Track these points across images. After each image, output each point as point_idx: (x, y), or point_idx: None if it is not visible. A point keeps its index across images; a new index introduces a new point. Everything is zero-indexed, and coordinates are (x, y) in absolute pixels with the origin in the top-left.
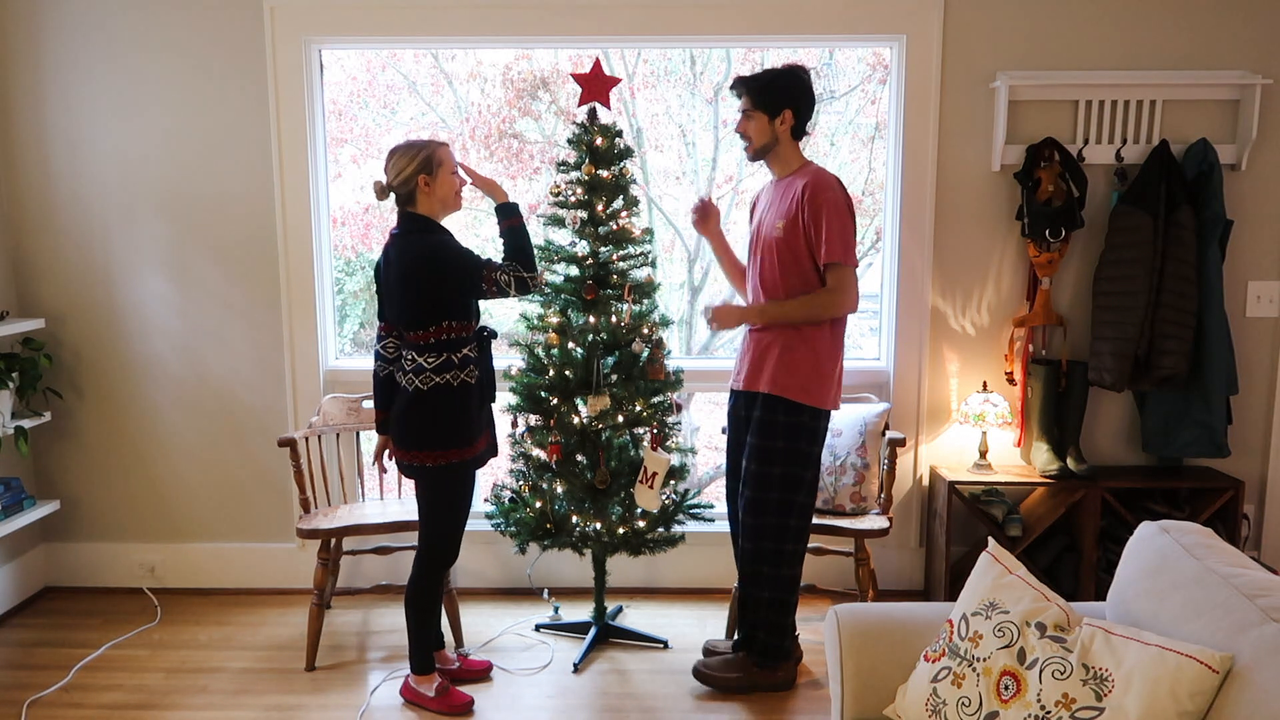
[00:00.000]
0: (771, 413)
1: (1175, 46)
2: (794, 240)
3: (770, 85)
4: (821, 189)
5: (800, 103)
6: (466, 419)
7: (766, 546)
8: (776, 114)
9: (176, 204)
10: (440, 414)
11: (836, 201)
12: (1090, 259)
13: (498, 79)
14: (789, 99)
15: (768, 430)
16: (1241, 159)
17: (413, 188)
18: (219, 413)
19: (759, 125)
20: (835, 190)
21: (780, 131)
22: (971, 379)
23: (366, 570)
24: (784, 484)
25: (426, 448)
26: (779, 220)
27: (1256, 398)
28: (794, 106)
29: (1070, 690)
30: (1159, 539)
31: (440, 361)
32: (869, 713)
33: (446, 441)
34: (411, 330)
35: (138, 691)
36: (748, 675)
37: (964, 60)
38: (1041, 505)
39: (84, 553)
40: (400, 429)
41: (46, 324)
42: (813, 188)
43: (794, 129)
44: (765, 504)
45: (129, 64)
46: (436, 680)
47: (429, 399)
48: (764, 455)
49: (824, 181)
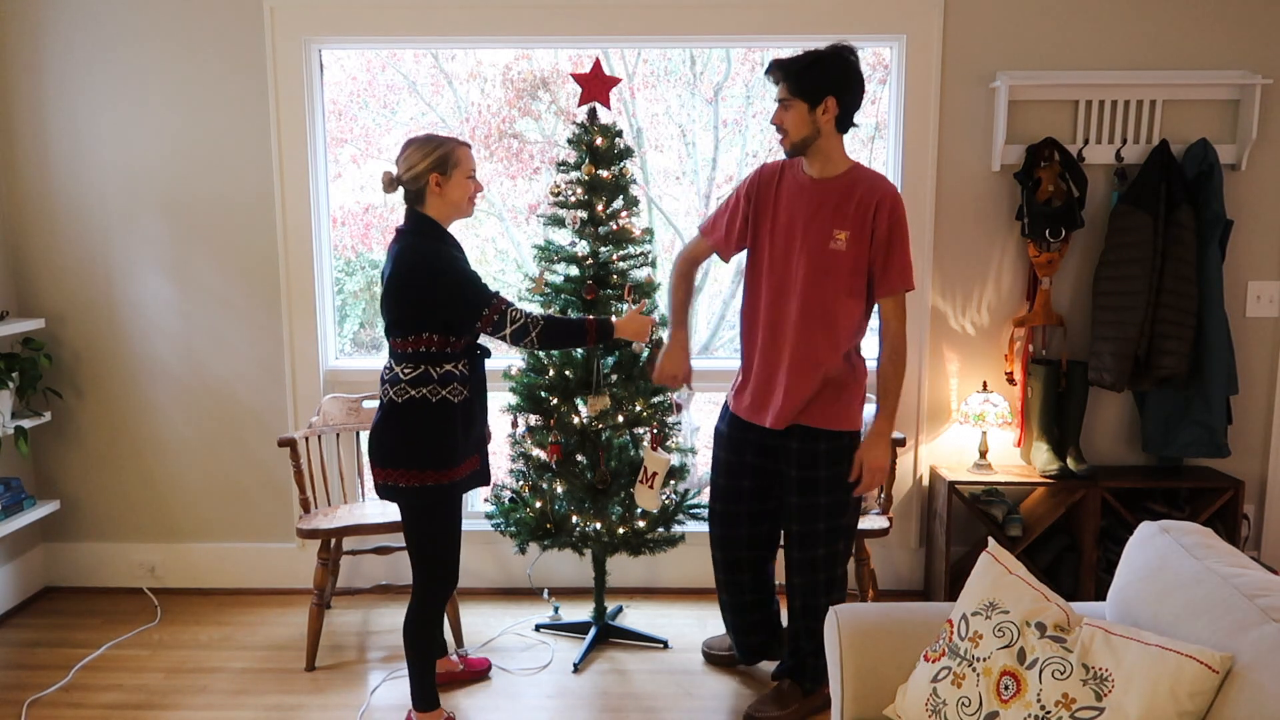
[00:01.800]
0: (811, 442)
1: (1175, 46)
2: (859, 256)
3: (811, 69)
4: (900, 207)
5: (846, 89)
6: (445, 439)
7: (821, 579)
8: (818, 102)
9: (176, 204)
10: (414, 430)
11: (904, 220)
12: (1090, 259)
13: (498, 79)
14: (832, 85)
15: (808, 460)
16: (1241, 159)
17: (423, 185)
18: (219, 413)
19: (797, 116)
20: (903, 206)
21: (823, 123)
22: (971, 379)
23: (366, 570)
24: (830, 511)
25: (400, 466)
26: (839, 230)
27: (1256, 398)
28: (838, 94)
29: (1070, 690)
30: (1159, 539)
31: (416, 374)
32: (869, 713)
33: (420, 461)
34: (392, 335)
35: (138, 691)
36: (801, 705)
37: (964, 60)
38: (1041, 505)
39: (84, 553)
40: (373, 443)
41: (46, 324)
42: (892, 204)
43: (839, 120)
44: (814, 536)
45: (129, 64)
46: (443, 716)
47: (402, 413)
48: (808, 486)
49: (896, 195)
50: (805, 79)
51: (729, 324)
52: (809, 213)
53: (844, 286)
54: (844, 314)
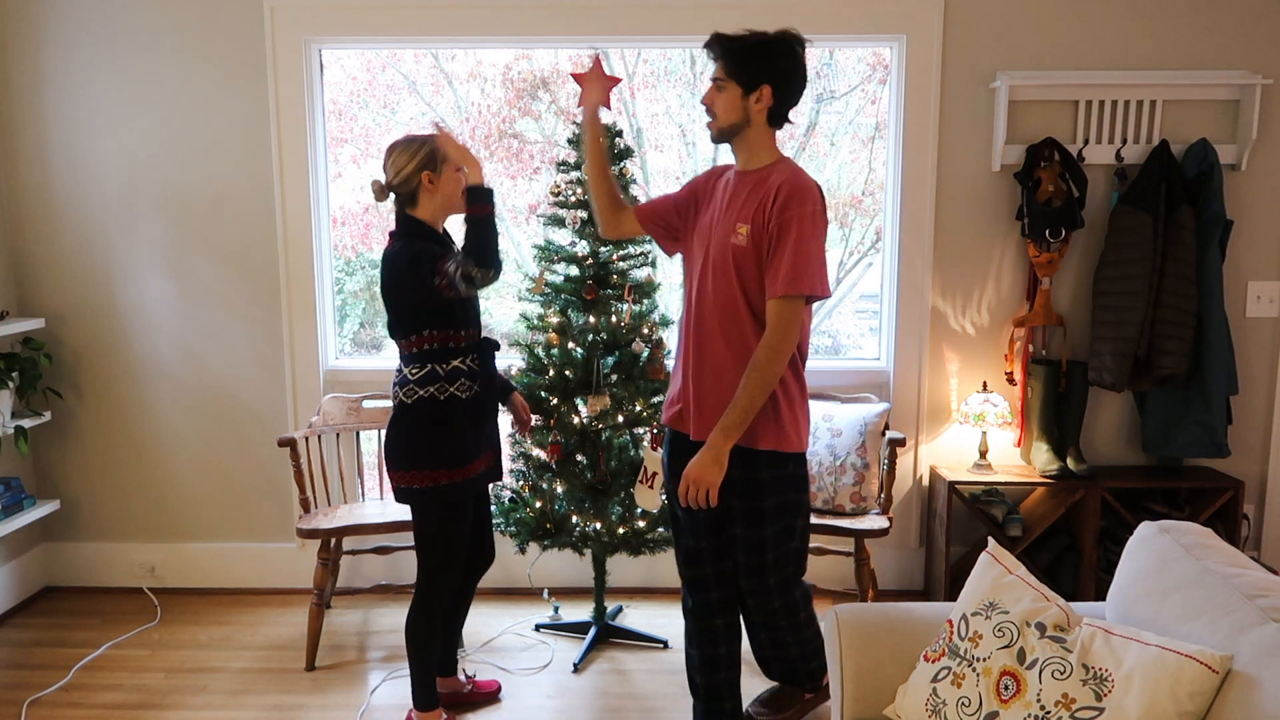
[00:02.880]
0: (752, 470)
1: (1175, 46)
2: (758, 254)
3: (753, 52)
4: (799, 197)
5: (783, 80)
6: (456, 437)
7: (776, 605)
8: (754, 89)
9: (177, 204)
10: (425, 431)
11: (813, 218)
12: (1090, 259)
13: (498, 79)
14: (773, 74)
15: (750, 490)
16: (1241, 159)
17: (415, 186)
18: (219, 413)
19: (729, 99)
20: (815, 204)
21: (754, 112)
22: (971, 379)
23: (366, 570)
24: (777, 540)
25: (412, 467)
26: (741, 224)
27: (1256, 398)
28: (774, 83)
29: (1070, 690)
30: (1159, 539)
31: (424, 373)
32: (869, 713)
33: (433, 461)
34: (396, 338)
35: (138, 691)
36: (802, 705)
37: (964, 60)
38: (1041, 505)
39: (84, 552)
40: (387, 447)
41: (46, 324)
42: (788, 193)
43: (771, 112)
44: (763, 566)
45: (129, 64)
46: (442, 716)
47: (412, 414)
48: (752, 518)
49: (804, 188)
50: (745, 62)
51: None
52: (723, 207)
53: (745, 285)
54: (748, 316)
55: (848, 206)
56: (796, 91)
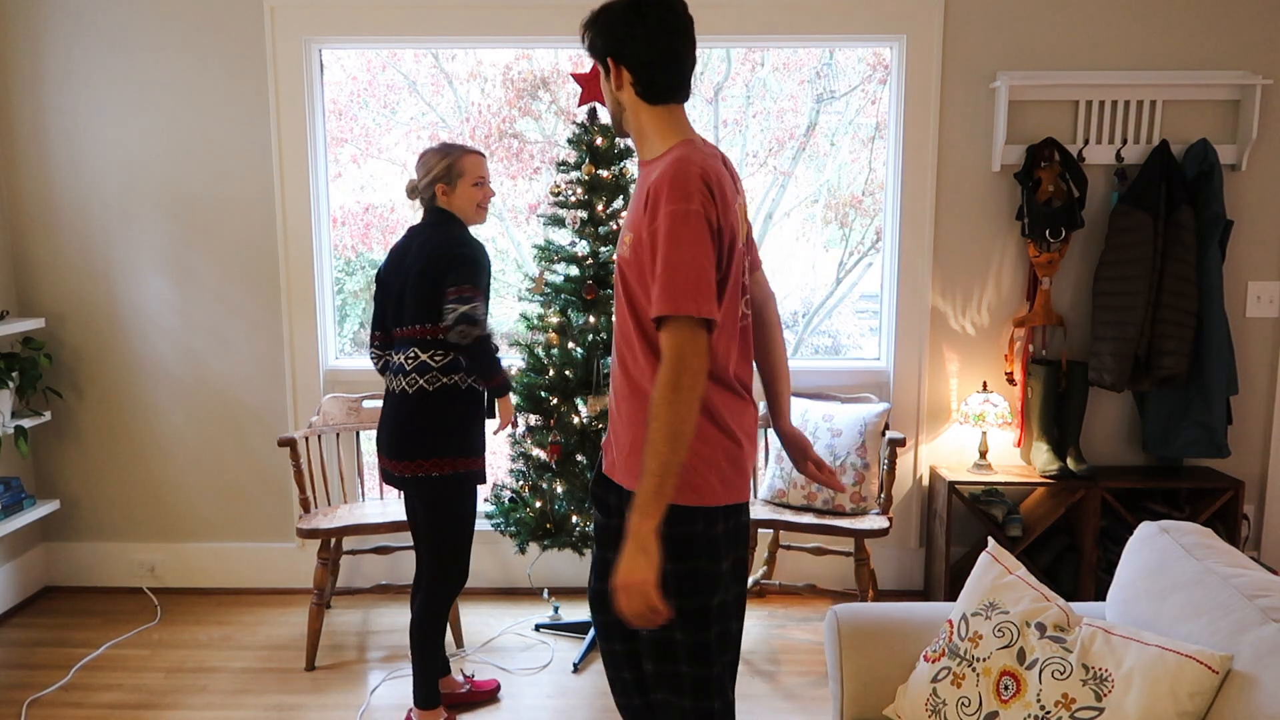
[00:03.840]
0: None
1: (1175, 46)
2: (641, 267)
3: (589, 30)
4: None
5: (629, 50)
6: (476, 426)
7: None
8: (607, 71)
9: (177, 204)
10: (448, 418)
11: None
12: (1090, 259)
13: (498, 79)
14: (612, 46)
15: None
16: (1241, 159)
17: (432, 194)
18: (219, 413)
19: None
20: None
21: (620, 94)
22: (971, 379)
23: (366, 570)
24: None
25: (432, 455)
26: (628, 232)
27: (1256, 398)
28: (618, 56)
29: (1070, 690)
30: (1159, 539)
31: (448, 360)
32: (869, 713)
33: (455, 449)
34: (419, 323)
35: (138, 691)
36: None
37: (964, 60)
38: (1041, 505)
39: (84, 552)
40: (397, 436)
41: (46, 324)
42: (662, 189)
43: (640, 89)
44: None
45: (129, 64)
46: (443, 716)
47: (435, 400)
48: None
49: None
50: (591, 42)
51: None
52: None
53: (634, 304)
54: (640, 341)
55: (848, 206)
56: (658, 60)
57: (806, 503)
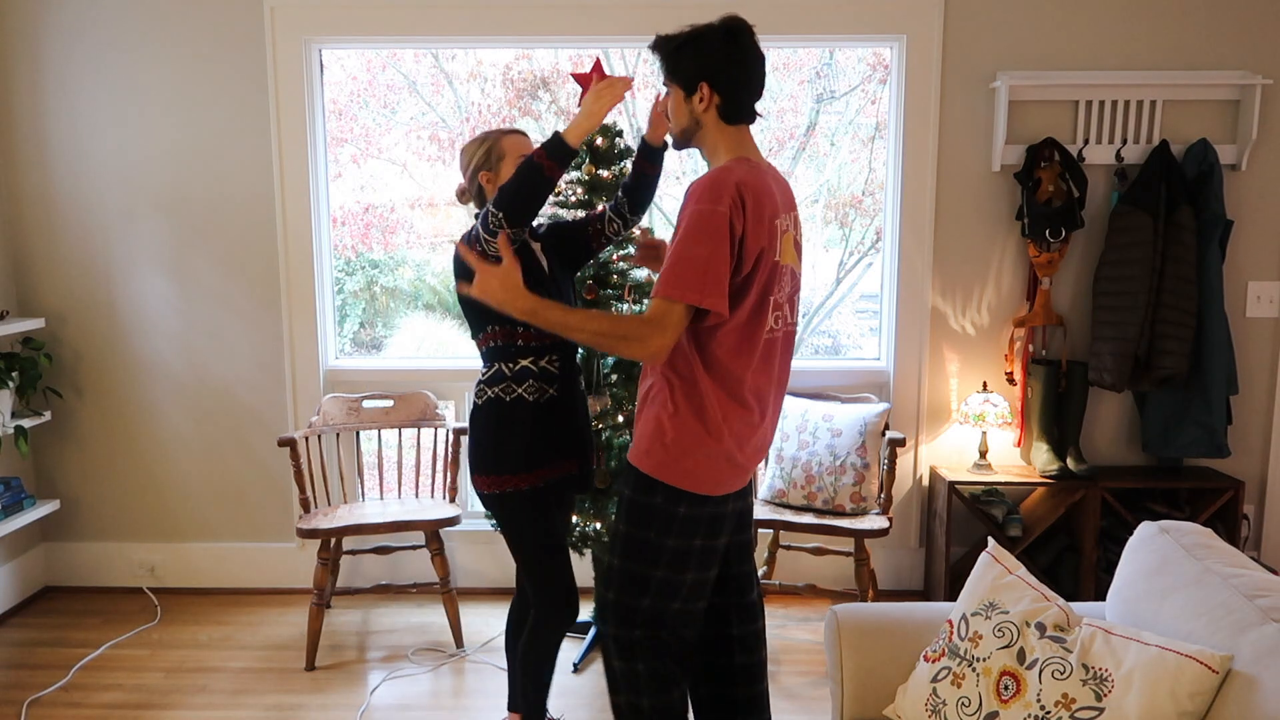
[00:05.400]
0: (623, 483)
1: (1175, 46)
2: None
3: (681, 51)
4: (697, 195)
5: (722, 75)
6: (519, 441)
7: (612, 664)
8: (693, 90)
9: (177, 204)
10: (488, 432)
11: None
12: (1090, 259)
13: (498, 79)
14: (706, 70)
15: (619, 504)
16: (1241, 159)
17: (479, 187)
18: (219, 413)
19: (675, 104)
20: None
21: (700, 113)
22: (971, 379)
23: (366, 570)
24: (625, 581)
25: (477, 471)
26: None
27: (1256, 398)
28: (712, 80)
29: (1070, 690)
30: (1159, 539)
31: (491, 373)
32: (869, 713)
33: (495, 465)
34: (471, 338)
35: (137, 691)
36: None
37: (964, 60)
38: (1041, 505)
39: (84, 552)
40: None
41: (46, 324)
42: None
43: (722, 109)
44: (604, 604)
45: (129, 64)
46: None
47: (479, 415)
48: (611, 536)
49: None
50: (678, 62)
51: None
52: None
53: None
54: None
55: (848, 206)
56: (744, 83)
57: (806, 503)
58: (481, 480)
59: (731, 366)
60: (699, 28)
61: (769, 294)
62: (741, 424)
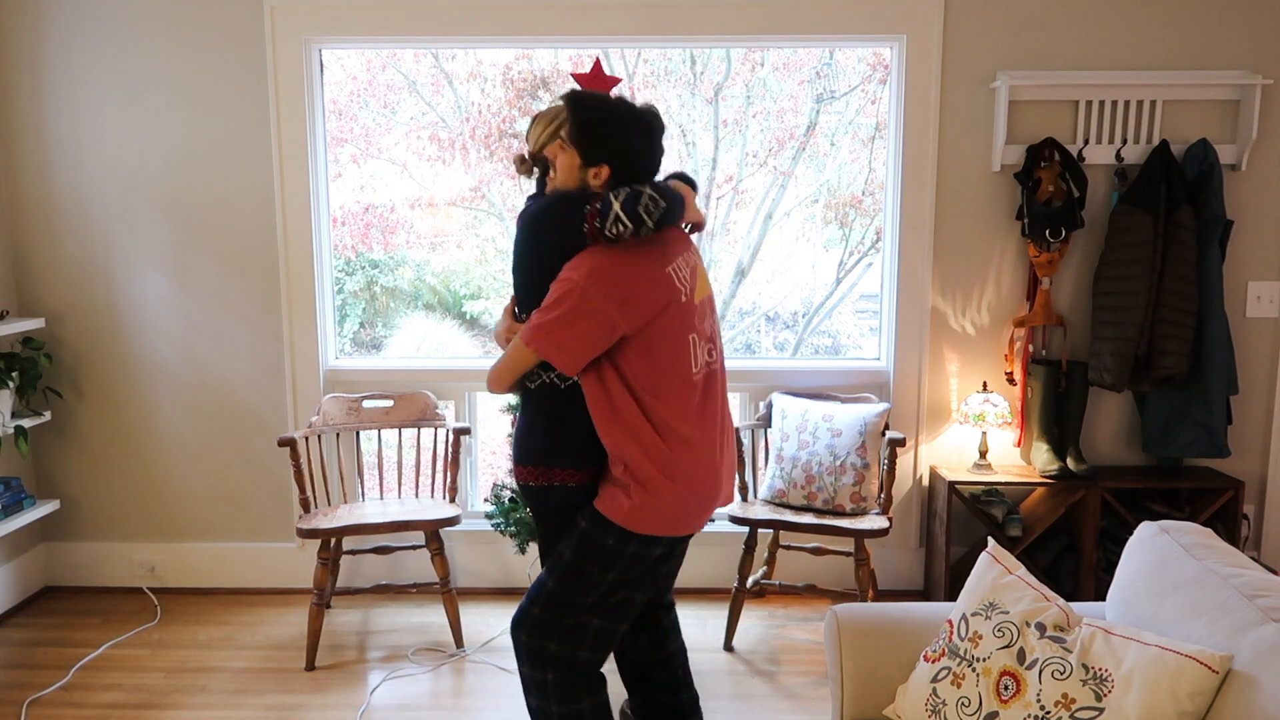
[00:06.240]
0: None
1: (1175, 46)
2: None
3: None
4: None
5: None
6: (577, 431)
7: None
8: (592, 164)
9: (176, 204)
10: (539, 420)
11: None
12: (1090, 259)
13: (498, 79)
14: (611, 154)
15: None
16: (1241, 159)
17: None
18: (219, 413)
19: (567, 163)
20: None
21: (590, 182)
22: (971, 379)
23: (366, 570)
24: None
25: (525, 461)
26: None
27: (1256, 398)
28: (613, 164)
29: (1070, 690)
30: (1159, 539)
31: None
32: (869, 713)
33: (546, 457)
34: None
35: (137, 691)
36: None
37: (964, 60)
38: (1041, 505)
39: (84, 552)
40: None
41: (46, 323)
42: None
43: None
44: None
45: (129, 64)
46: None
47: (531, 400)
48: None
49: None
50: (589, 135)
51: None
52: None
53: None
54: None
55: (848, 206)
56: (643, 171)
57: (806, 503)
58: (526, 471)
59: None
60: (620, 109)
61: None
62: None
